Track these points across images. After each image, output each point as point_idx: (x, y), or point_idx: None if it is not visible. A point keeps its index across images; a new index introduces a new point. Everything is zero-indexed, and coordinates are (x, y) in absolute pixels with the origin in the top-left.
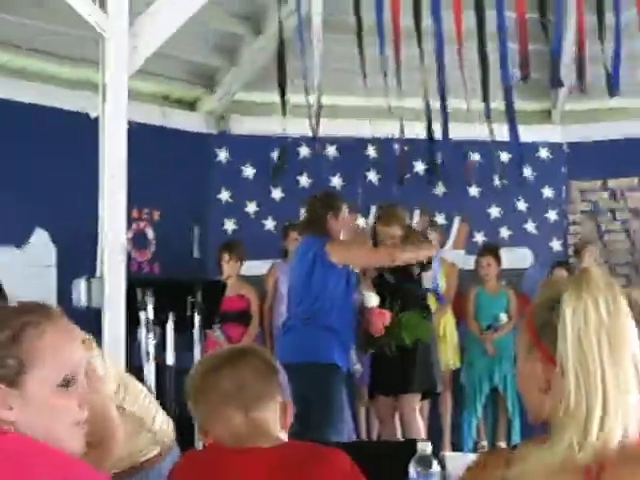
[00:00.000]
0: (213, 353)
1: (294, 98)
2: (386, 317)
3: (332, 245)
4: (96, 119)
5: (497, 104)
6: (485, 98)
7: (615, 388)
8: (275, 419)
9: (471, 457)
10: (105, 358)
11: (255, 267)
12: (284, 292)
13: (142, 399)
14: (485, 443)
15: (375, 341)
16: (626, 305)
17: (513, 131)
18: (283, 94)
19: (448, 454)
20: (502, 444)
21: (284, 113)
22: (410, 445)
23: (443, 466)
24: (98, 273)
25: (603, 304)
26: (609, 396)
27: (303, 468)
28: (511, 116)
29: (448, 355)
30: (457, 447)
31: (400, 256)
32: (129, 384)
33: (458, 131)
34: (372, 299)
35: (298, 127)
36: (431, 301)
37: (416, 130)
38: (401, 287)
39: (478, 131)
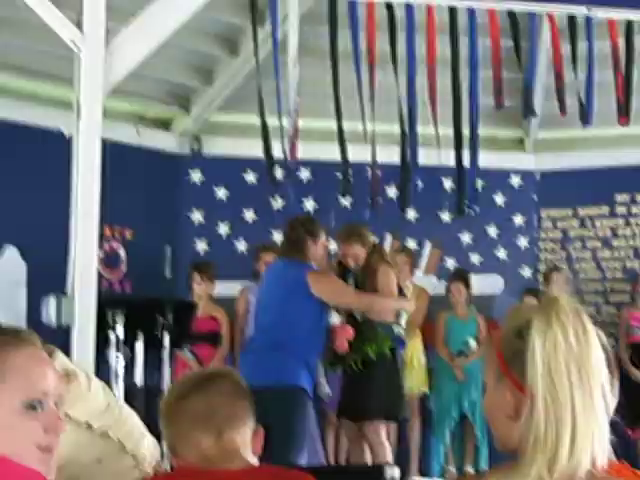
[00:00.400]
0: (183, 377)
1: (269, 120)
2: (349, 332)
3: (314, 277)
4: (69, 137)
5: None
6: (456, 125)
7: (584, 417)
8: (245, 443)
9: None
10: (90, 376)
11: (226, 288)
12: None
13: (128, 421)
14: (453, 469)
15: (340, 358)
16: (595, 334)
17: (474, 158)
18: (262, 116)
19: (416, 479)
20: (469, 470)
21: (265, 135)
22: (378, 470)
23: None
24: (69, 291)
25: (572, 333)
26: (578, 425)
27: None
28: (474, 143)
29: (416, 380)
30: (425, 472)
31: (380, 306)
32: (115, 405)
33: (431, 157)
34: (334, 317)
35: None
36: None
37: (389, 155)
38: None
39: (451, 157)
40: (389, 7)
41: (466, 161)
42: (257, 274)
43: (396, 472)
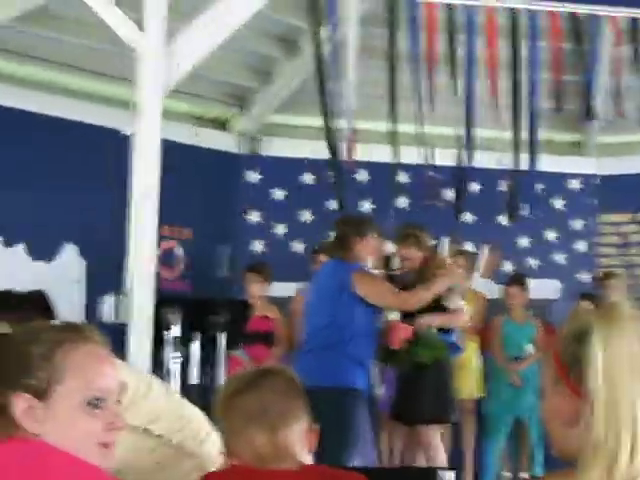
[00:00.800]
0: (238, 374)
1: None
2: (406, 331)
3: (358, 277)
4: (127, 136)
5: (525, 134)
6: (515, 128)
7: None
8: (300, 441)
9: None
10: (152, 381)
11: (282, 289)
12: None
13: (192, 423)
14: (508, 474)
15: (393, 355)
16: None
17: (532, 161)
18: (326, 116)
19: None
20: (525, 475)
21: (329, 137)
22: (431, 473)
23: None
24: (126, 289)
25: (632, 338)
26: (639, 432)
27: None
28: (533, 147)
29: (471, 384)
30: (479, 477)
31: (421, 299)
32: (176, 409)
33: (490, 160)
34: (392, 314)
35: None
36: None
37: (448, 158)
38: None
39: (508, 160)
40: (450, 8)
41: (525, 164)
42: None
43: (452, 476)
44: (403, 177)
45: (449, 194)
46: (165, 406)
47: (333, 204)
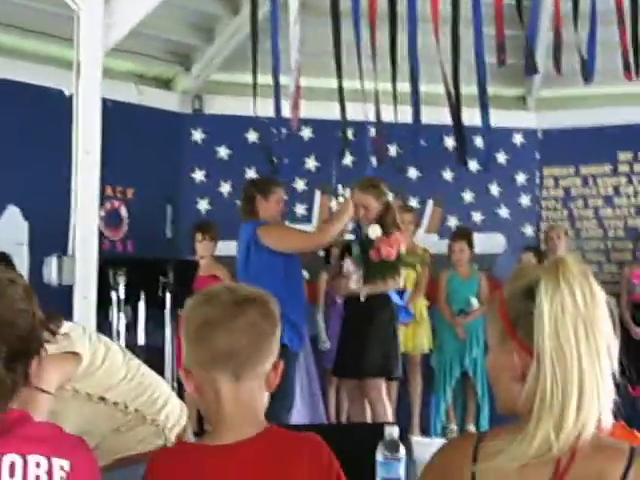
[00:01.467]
0: (212, 291)
1: (265, 79)
2: (395, 241)
3: (262, 229)
4: (70, 96)
5: (472, 89)
6: (456, 83)
7: (591, 379)
8: (261, 387)
9: (439, 443)
10: (110, 349)
11: (228, 247)
12: None
13: (150, 389)
14: (454, 427)
15: (385, 266)
16: (602, 294)
17: (485, 116)
18: (255, 75)
19: (415, 439)
20: (471, 428)
21: (254, 94)
22: (378, 429)
23: (410, 451)
24: (70, 251)
25: (580, 294)
26: (585, 386)
27: (278, 462)
28: (483, 101)
29: (421, 339)
30: (426, 430)
31: (329, 233)
32: (133, 376)
33: (434, 115)
34: (376, 229)
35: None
36: None
37: (391, 114)
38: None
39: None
40: None
41: (469, 120)
42: None
43: (396, 432)
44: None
45: (394, 150)
46: (122, 374)
47: (278, 161)
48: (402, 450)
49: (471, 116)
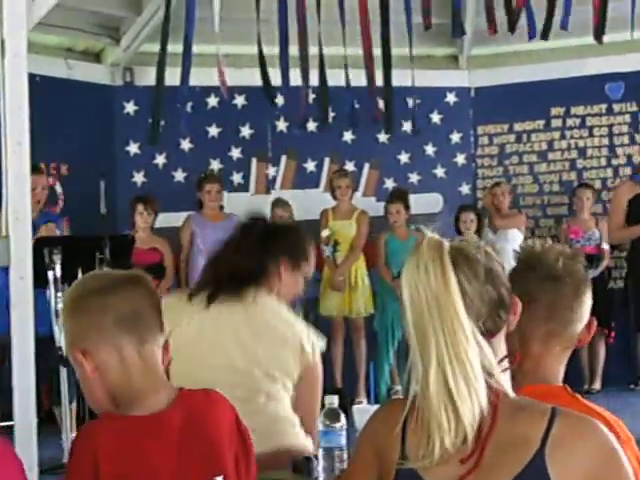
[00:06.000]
0: (97, 273)
1: (199, 48)
2: None
3: None
4: None
5: (402, 50)
6: (385, 45)
7: (453, 358)
8: (160, 355)
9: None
10: None
11: (165, 220)
12: (201, 245)
13: None
14: (399, 388)
15: None
16: (452, 273)
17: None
18: (164, 45)
19: (356, 407)
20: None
21: (160, 65)
22: None
23: (352, 419)
24: (3, 232)
25: (432, 272)
26: (444, 356)
27: (200, 424)
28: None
29: (361, 302)
30: (371, 393)
31: None
32: None
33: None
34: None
35: (206, 77)
36: None
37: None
38: None
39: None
40: None
41: (401, 81)
42: (200, 204)
43: (336, 401)
44: (280, 100)
45: (331, 114)
46: None
47: (213, 131)
48: (342, 419)
49: (403, 77)
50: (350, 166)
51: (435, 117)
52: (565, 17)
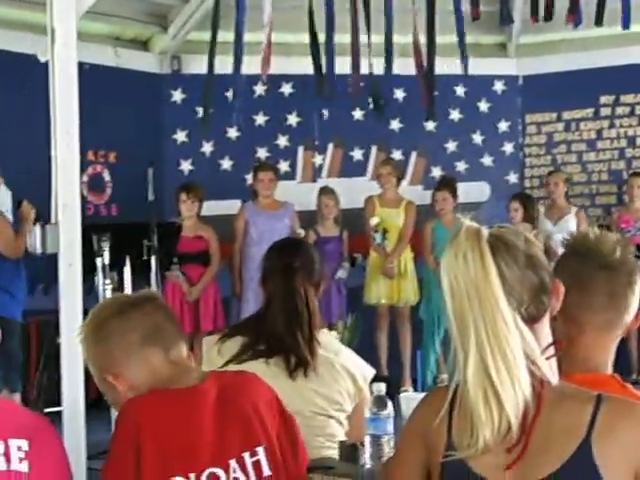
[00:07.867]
0: (110, 299)
1: (248, 36)
2: None
3: None
4: (46, 62)
5: (450, 37)
6: (430, 33)
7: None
8: (186, 354)
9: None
10: None
11: (211, 207)
12: (254, 235)
13: None
14: (445, 376)
15: None
16: (491, 259)
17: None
18: (215, 34)
19: (403, 395)
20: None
21: (211, 54)
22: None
23: (399, 407)
24: (52, 218)
25: (471, 260)
26: (483, 342)
27: (234, 395)
28: (463, 49)
29: (407, 291)
30: (417, 382)
31: None
32: None
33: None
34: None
35: (254, 65)
36: None
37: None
38: None
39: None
40: None
41: (448, 69)
42: (255, 193)
43: (383, 388)
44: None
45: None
46: None
47: (260, 119)
48: (390, 407)
49: (451, 65)
50: (397, 154)
51: (483, 105)
52: (625, 15)
